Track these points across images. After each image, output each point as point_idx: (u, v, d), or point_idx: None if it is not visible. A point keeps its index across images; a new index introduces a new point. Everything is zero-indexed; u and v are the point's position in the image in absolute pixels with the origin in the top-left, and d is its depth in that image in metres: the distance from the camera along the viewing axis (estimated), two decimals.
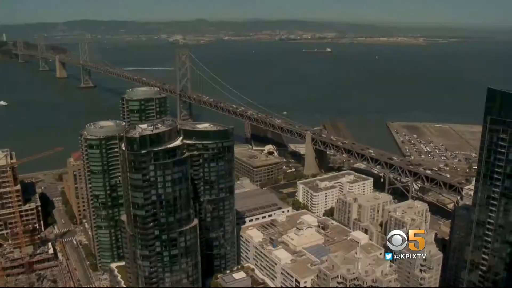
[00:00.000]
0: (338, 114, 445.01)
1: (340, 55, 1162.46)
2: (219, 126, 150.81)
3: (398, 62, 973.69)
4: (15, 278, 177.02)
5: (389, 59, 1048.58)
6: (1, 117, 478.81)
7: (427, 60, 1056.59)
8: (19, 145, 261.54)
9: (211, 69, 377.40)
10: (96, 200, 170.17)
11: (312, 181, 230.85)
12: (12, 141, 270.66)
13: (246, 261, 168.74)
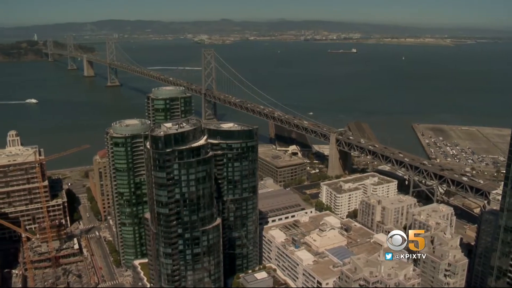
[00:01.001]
0: (363, 115, 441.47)
1: (365, 56, 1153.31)
2: (244, 126, 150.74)
3: (424, 63, 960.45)
4: (42, 271, 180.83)
5: (415, 60, 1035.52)
6: (32, 114, 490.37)
7: (454, 61, 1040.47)
8: (47, 142, 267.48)
9: (236, 69, 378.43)
10: (121, 197, 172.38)
11: (336, 183, 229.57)
12: (41, 138, 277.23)
13: (268, 261, 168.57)
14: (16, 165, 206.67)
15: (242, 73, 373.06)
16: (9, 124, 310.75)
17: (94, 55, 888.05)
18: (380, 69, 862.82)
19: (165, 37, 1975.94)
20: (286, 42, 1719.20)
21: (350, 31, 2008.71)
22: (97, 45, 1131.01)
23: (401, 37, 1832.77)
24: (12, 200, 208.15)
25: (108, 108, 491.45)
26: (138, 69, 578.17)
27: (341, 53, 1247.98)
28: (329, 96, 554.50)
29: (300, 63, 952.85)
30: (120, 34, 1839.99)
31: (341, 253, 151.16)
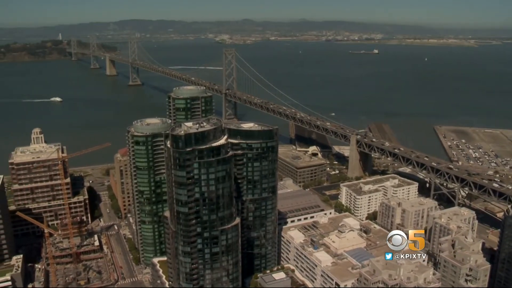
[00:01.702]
0: (384, 116, 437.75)
1: (387, 56, 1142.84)
2: (264, 126, 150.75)
3: (448, 65, 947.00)
4: (64, 266, 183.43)
5: (438, 61, 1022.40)
6: (56, 112, 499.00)
7: (478, 62, 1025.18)
8: (70, 139, 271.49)
9: (257, 69, 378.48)
10: (141, 195, 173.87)
11: (356, 184, 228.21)
12: (64, 136, 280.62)
13: (286, 261, 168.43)
14: (40, 162, 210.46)
15: (262, 73, 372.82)
16: (33, 121, 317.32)
17: (116, 54, 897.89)
18: (402, 70, 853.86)
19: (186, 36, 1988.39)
20: (307, 43, 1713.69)
21: (372, 31, 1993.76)
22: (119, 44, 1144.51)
23: (424, 37, 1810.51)
24: (35, 196, 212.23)
25: (129, 106, 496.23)
26: (160, 68, 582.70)
27: (363, 54, 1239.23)
28: (350, 97, 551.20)
29: (321, 64, 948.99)
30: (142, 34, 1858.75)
31: (360, 255, 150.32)
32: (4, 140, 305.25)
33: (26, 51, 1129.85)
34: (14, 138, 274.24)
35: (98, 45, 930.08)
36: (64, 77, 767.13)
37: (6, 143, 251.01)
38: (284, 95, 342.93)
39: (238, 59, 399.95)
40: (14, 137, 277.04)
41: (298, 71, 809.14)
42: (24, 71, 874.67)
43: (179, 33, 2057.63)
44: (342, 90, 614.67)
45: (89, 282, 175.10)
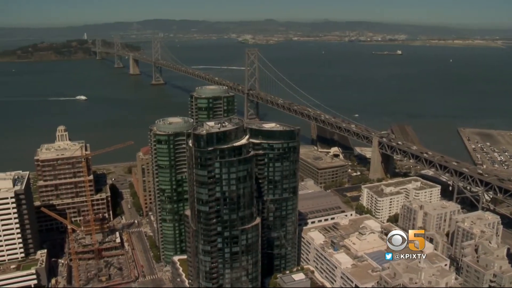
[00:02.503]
0: (407, 118, 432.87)
1: (411, 57, 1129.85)
2: (286, 126, 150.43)
3: (473, 66, 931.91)
4: (86, 262, 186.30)
5: (464, 63, 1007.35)
6: (81, 110, 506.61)
7: (505, 64, 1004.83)
8: (93, 137, 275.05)
9: (279, 69, 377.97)
10: (162, 194, 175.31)
11: (377, 186, 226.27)
12: (88, 134, 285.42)
13: (306, 262, 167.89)
14: (64, 159, 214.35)
15: (285, 73, 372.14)
16: (59, 119, 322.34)
17: (139, 53, 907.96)
18: (426, 71, 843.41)
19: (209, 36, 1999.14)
20: (330, 43, 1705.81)
21: (396, 32, 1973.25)
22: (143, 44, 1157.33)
23: (449, 38, 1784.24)
24: (59, 193, 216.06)
25: (152, 105, 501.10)
26: (183, 68, 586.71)
27: (386, 54, 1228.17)
28: (372, 98, 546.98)
29: (344, 65, 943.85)
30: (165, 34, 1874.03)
31: (381, 257, 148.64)
32: (30, 137, 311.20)
33: (53, 50, 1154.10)
34: (40, 135, 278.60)
35: (122, 45, 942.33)
36: (88, 76, 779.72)
37: (33, 140, 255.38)
38: (306, 96, 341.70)
39: (260, 59, 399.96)
40: (40, 134, 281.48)
41: (320, 71, 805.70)
42: (51, 70, 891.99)
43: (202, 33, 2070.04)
44: (365, 91, 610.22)
45: (110, 279, 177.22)
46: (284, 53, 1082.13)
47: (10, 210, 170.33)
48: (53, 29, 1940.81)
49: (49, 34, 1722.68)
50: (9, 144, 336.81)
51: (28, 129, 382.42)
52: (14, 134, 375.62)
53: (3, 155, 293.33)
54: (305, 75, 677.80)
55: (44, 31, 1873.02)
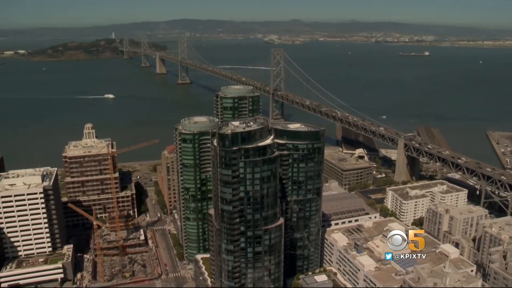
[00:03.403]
0: (434, 120, 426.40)
1: (439, 59, 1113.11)
2: (311, 127, 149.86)
3: (504, 67, 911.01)
4: (110, 258, 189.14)
5: (494, 64, 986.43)
6: (108, 109, 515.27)
7: None
8: (120, 135, 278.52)
9: (305, 70, 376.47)
10: (187, 192, 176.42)
11: (402, 189, 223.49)
12: (114, 132, 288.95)
13: (329, 264, 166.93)
14: (91, 156, 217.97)
15: (310, 74, 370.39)
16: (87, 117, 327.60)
17: (166, 53, 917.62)
18: (455, 73, 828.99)
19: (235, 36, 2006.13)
20: (357, 44, 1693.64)
21: (423, 33, 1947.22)
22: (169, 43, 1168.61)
23: (478, 39, 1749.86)
24: (85, 189, 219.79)
25: (177, 104, 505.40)
26: (209, 67, 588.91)
27: (413, 56, 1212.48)
28: (399, 100, 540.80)
29: (370, 66, 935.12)
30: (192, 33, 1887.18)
31: (405, 261, 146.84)
32: (59, 134, 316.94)
33: (82, 49, 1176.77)
34: (68, 132, 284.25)
35: (149, 44, 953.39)
36: (116, 75, 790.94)
37: (61, 137, 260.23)
38: (331, 97, 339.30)
39: (286, 59, 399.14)
40: (68, 132, 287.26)
41: (346, 72, 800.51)
42: (80, 68, 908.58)
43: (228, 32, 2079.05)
44: (391, 93, 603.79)
45: (133, 275, 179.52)
46: (310, 54, 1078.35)
47: (39, 205, 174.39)
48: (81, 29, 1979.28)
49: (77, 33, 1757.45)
50: (38, 141, 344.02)
51: (57, 126, 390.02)
52: (44, 131, 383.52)
53: (33, 152, 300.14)
54: (331, 75, 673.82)
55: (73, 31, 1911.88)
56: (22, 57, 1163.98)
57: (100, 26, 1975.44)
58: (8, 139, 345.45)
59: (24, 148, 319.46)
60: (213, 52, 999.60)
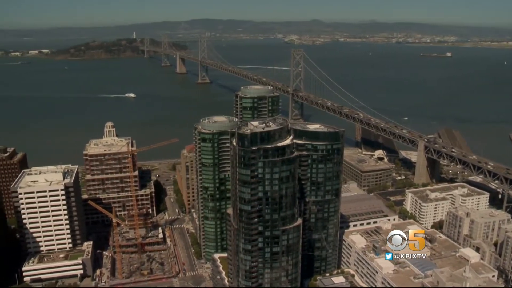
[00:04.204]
0: (455, 122, 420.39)
1: (461, 60, 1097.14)
2: (330, 128, 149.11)
3: None
4: (129, 256, 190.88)
5: None
6: (129, 107, 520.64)
7: None
8: (140, 134, 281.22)
9: (325, 70, 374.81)
10: (205, 191, 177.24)
11: (422, 191, 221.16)
12: (134, 130, 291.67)
13: (346, 266, 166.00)
14: (111, 154, 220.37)
15: (330, 74, 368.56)
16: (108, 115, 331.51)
17: (186, 52, 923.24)
18: (477, 74, 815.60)
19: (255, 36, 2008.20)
20: (377, 44, 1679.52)
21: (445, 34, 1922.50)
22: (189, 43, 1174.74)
23: (502, 40, 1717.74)
24: (105, 187, 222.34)
25: (197, 104, 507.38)
26: (230, 68, 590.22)
27: (435, 57, 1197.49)
28: (420, 101, 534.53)
29: (391, 66, 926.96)
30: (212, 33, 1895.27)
31: (423, 264, 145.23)
32: (80, 132, 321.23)
33: (103, 49, 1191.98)
34: (89, 130, 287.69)
35: (169, 44, 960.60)
36: (137, 74, 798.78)
37: (83, 135, 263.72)
38: (352, 97, 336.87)
39: (306, 59, 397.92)
40: (89, 130, 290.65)
41: (367, 73, 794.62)
42: (101, 67, 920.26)
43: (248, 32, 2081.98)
44: (412, 94, 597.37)
45: (151, 273, 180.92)
46: (330, 54, 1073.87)
47: (60, 202, 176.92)
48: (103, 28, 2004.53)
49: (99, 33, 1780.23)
50: (60, 138, 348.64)
51: (79, 125, 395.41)
52: (66, 129, 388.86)
53: (54, 149, 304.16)
54: (351, 76, 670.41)
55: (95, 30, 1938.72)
56: (46, 56, 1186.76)
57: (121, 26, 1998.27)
58: (31, 137, 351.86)
59: (47, 146, 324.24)
60: (233, 52, 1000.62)
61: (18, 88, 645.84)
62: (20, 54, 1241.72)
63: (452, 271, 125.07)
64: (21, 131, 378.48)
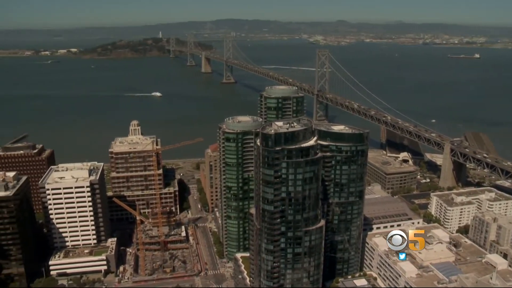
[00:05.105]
0: (483, 125, 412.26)
1: (490, 62, 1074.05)
2: (355, 129, 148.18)
3: None
4: (152, 253, 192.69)
5: None
6: (155, 106, 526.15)
7: None
8: (164, 132, 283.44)
9: (350, 71, 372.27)
10: (229, 191, 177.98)
11: (447, 195, 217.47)
12: (159, 129, 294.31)
13: (369, 268, 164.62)
14: (136, 152, 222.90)
15: (355, 75, 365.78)
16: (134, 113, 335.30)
17: (212, 52, 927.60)
18: (507, 76, 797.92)
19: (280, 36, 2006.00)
20: (404, 46, 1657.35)
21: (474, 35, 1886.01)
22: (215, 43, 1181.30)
23: None
24: (130, 185, 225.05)
25: (222, 104, 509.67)
26: (256, 68, 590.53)
27: (462, 58, 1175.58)
28: (446, 103, 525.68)
29: (417, 68, 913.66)
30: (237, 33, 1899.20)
31: (448, 269, 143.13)
32: (106, 130, 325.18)
33: (130, 48, 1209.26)
34: (115, 128, 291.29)
35: (195, 43, 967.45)
36: (162, 73, 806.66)
37: (109, 132, 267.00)
38: (377, 99, 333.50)
39: (331, 60, 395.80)
40: (115, 128, 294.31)
41: (393, 74, 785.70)
42: (127, 66, 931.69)
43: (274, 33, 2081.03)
44: (439, 96, 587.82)
45: (174, 270, 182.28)
46: (355, 55, 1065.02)
47: (86, 199, 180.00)
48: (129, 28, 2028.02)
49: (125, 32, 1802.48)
50: (87, 136, 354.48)
51: (105, 123, 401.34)
52: (92, 127, 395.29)
53: (81, 146, 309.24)
54: (377, 77, 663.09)
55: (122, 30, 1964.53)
56: (74, 55, 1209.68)
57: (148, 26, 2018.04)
58: (59, 134, 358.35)
59: (74, 143, 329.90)
60: (258, 52, 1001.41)
61: (48, 86, 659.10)
62: (50, 53, 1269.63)
63: (478, 277, 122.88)
64: (50, 129, 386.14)
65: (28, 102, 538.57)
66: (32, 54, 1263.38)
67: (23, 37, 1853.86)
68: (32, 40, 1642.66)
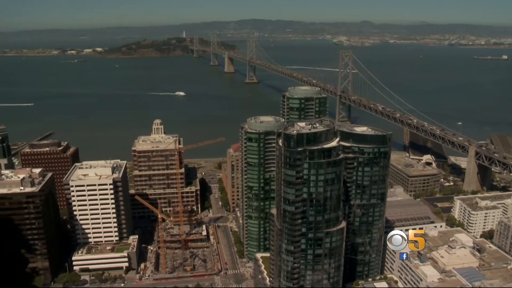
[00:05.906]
0: (510, 128, 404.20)
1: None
2: (377, 131, 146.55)
3: None
4: (173, 251, 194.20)
5: None
6: (178, 105, 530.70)
7: None
8: (187, 132, 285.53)
9: (374, 72, 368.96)
10: (250, 191, 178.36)
11: (471, 198, 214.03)
12: (182, 128, 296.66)
13: (390, 271, 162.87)
14: (158, 151, 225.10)
15: (379, 77, 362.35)
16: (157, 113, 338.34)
17: (235, 52, 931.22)
18: None
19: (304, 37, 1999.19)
20: (429, 47, 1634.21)
21: (502, 35, 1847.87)
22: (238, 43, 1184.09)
23: None
24: (152, 183, 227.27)
25: (244, 103, 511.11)
26: (280, 68, 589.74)
27: (489, 59, 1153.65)
28: (472, 105, 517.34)
29: (443, 69, 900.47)
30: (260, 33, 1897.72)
31: (471, 274, 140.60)
32: (130, 128, 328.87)
33: (153, 47, 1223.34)
34: (138, 127, 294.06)
35: (218, 43, 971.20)
36: (186, 73, 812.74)
37: (132, 131, 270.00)
38: (400, 101, 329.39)
39: (354, 61, 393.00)
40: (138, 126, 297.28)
41: (417, 75, 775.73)
42: (151, 66, 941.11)
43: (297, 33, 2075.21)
44: (464, 98, 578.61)
45: (194, 269, 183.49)
46: (379, 56, 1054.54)
47: (108, 196, 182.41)
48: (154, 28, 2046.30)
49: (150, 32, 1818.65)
50: (110, 134, 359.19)
51: (128, 121, 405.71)
52: (116, 125, 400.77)
53: (105, 144, 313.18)
54: (401, 79, 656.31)
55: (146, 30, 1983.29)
56: (99, 54, 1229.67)
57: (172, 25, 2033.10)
58: (84, 132, 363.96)
59: (97, 141, 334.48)
60: (281, 52, 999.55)
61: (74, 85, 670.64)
62: (76, 52, 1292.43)
63: (503, 284, 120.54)
64: (75, 126, 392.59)
65: (55, 100, 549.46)
66: (59, 53, 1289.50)
67: (50, 37, 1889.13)
68: (58, 40, 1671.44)
